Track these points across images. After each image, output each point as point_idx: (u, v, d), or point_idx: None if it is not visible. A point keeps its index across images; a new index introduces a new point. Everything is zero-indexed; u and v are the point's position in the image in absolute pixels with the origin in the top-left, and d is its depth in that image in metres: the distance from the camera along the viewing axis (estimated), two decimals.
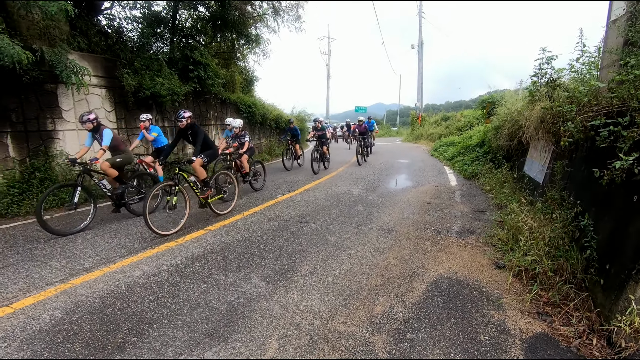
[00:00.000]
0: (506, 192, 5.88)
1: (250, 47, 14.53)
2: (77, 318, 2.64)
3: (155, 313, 2.70)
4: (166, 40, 11.05)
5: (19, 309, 2.79)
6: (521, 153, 6.56)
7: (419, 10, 26.74)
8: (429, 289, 3.11)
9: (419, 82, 27.71)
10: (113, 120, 8.08)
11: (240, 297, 2.94)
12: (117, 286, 3.16)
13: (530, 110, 5.33)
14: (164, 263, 3.67)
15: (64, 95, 6.88)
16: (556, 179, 4.26)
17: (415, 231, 4.71)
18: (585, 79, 4.65)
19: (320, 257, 3.80)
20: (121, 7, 10.14)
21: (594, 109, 3.44)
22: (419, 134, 24.16)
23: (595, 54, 4.83)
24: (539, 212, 4.02)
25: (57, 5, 5.85)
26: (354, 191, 7.36)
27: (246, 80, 15.74)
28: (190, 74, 9.99)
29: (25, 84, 6.03)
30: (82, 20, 7.65)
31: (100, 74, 7.70)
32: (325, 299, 2.91)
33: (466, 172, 8.95)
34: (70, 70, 6.31)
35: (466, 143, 11.77)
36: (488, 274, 3.40)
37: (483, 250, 4.00)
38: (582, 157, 3.75)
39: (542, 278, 3.09)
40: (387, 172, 10.18)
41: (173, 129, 9.89)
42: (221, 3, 11.06)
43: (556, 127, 4.19)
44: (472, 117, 18.04)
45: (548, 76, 5.01)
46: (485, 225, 4.90)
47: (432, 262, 3.68)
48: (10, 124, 6.09)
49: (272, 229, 4.84)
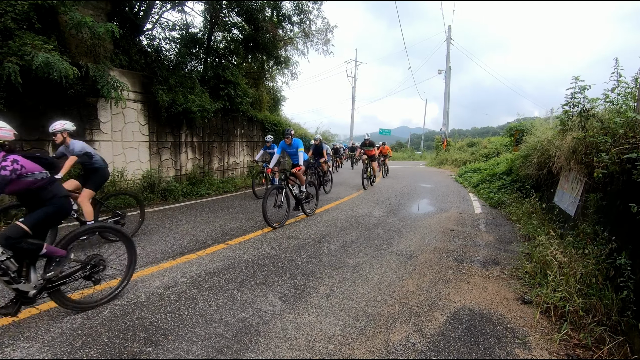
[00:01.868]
0: (534, 223, 5.65)
1: (280, 69, 15.03)
2: (97, 324, 2.70)
3: (171, 324, 2.73)
4: (200, 59, 11.60)
5: (45, 311, 2.89)
6: (551, 183, 6.31)
7: (447, 37, 26.91)
8: (450, 320, 2.98)
9: (445, 107, 27.55)
10: (145, 134, 8.46)
11: (255, 315, 2.92)
12: (137, 295, 3.22)
13: (561, 140, 5.17)
14: (183, 275, 3.73)
15: (102, 108, 7.32)
16: (589, 212, 4.06)
17: (436, 258, 4.57)
18: (622, 110, 4.48)
19: (337, 279, 3.75)
20: (161, 29, 10.81)
21: (631, 141, 3.30)
22: (444, 159, 23.79)
23: (632, 84, 4.67)
24: (570, 247, 3.82)
25: (104, 27, 6.33)
26: (374, 213, 7.28)
27: (273, 100, 16.20)
28: (221, 92, 10.40)
29: (69, 97, 6.47)
30: (125, 39, 8.19)
31: (138, 90, 8.16)
32: (341, 323, 2.85)
33: (492, 200, 8.68)
34: (110, 86, 6.73)
35: (493, 170, 11.48)
36: (513, 309, 3.23)
37: (508, 283, 3.82)
38: (617, 190, 3.57)
39: (573, 317, 2.90)
40: (409, 196, 10.03)
41: (201, 143, 10.24)
42: (254, 26, 11.59)
43: (589, 158, 4.04)
44: (499, 144, 17.63)
45: (581, 106, 4.87)
46: (511, 256, 4.69)
47: (454, 292, 3.54)
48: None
49: (290, 247, 4.84)
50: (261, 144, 13.36)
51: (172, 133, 9.27)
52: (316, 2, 12.95)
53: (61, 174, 4.10)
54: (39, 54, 5.36)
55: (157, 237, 5.13)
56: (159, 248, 4.64)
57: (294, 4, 12.69)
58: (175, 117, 8.87)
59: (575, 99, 4.96)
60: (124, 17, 8.92)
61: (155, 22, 10.57)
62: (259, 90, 13.90)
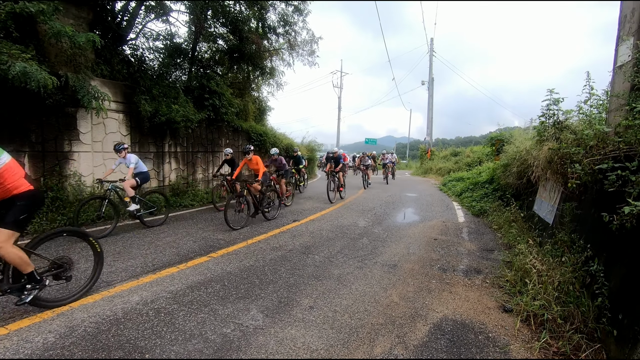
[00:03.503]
0: (514, 232, 5.76)
1: (265, 79, 15.09)
2: (70, 343, 2.60)
3: (149, 342, 2.64)
4: (185, 69, 11.55)
5: (14, 331, 2.76)
6: (530, 192, 6.48)
7: (430, 49, 27.61)
8: (432, 330, 2.99)
9: (429, 117, 28.10)
10: (127, 144, 8.29)
11: (237, 330, 2.87)
12: (113, 311, 3.12)
13: (538, 150, 5.33)
14: (163, 289, 3.63)
15: (82, 118, 7.16)
16: (565, 220, 4.17)
17: (420, 268, 4.60)
18: (594, 121, 4.65)
19: (321, 291, 3.72)
20: (145, 39, 10.74)
21: (602, 152, 3.43)
22: (428, 168, 24.16)
23: (604, 97, 4.87)
24: (548, 255, 3.91)
25: (85, 37, 6.24)
26: (359, 223, 7.29)
27: (259, 110, 16.19)
28: (206, 102, 10.33)
29: (47, 107, 6.31)
30: (107, 49, 8.08)
31: (120, 100, 8.03)
32: (324, 336, 2.82)
33: (475, 208, 8.84)
34: (91, 96, 6.61)
35: (475, 179, 11.71)
36: (495, 318, 3.27)
37: (490, 292, 3.87)
38: (591, 199, 3.69)
39: (552, 325, 2.95)
40: (394, 205, 10.11)
41: (185, 154, 10.12)
42: (240, 37, 11.64)
43: (564, 168, 4.17)
44: (481, 153, 18.05)
45: (555, 117, 5.04)
46: (493, 265, 4.77)
47: (437, 302, 3.56)
48: (29, 144, 6.30)
49: (274, 258, 4.79)
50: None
51: (155, 143, 9.13)
52: (301, 14, 13.13)
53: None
54: (16, 63, 5.22)
55: (137, 251, 5.00)
56: (139, 262, 4.52)
57: (279, 16, 12.84)
58: (159, 127, 8.75)
59: (550, 110, 5.13)
60: (107, 26, 8.82)
61: (139, 31, 10.50)
62: (244, 100, 13.88)
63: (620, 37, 4.10)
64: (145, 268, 4.28)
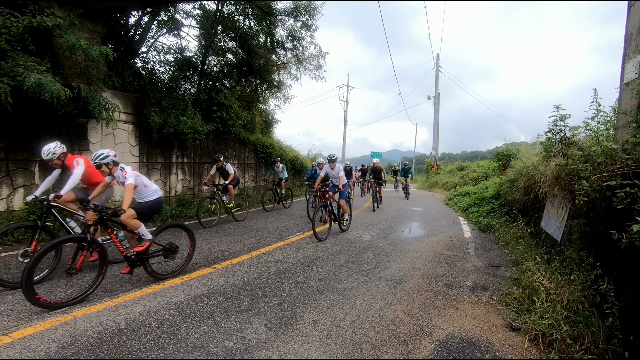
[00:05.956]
0: (522, 248, 5.68)
1: (272, 92, 15.29)
2: (72, 353, 2.59)
3: (150, 354, 2.63)
4: (194, 82, 11.77)
5: (17, 339, 2.76)
6: (538, 208, 6.40)
7: (436, 64, 27.86)
8: (438, 348, 2.93)
9: (435, 131, 28.15)
10: (136, 155, 8.43)
11: (239, 343, 2.84)
12: (116, 322, 3.11)
13: (545, 166, 5.29)
14: (167, 300, 3.62)
15: (93, 129, 7.30)
16: (574, 237, 4.11)
17: (425, 283, 4.54)
18: (602, 138, 4.62)
19: (325, 305, 3.68)
20: (156, 52, 11.01)
21: (610, 168, 3.40)
22: (434, 182, 24.06)
23: (611, 113, 4.85)
24: (557, 272, 3.84)
25: (99, 50, 6.42)
26: (364, 237, 7.25)
27: (266, 122, 16.36)
28: (213, 114, 10.48)
29: (59, 117, 6.45)
30: (119, 62, 8.30)
31: (130, 111, 8.18)
32: (327, 352, 2.78)
33: (481, 224, 8.74)
34: (102, 107, 6.75)
35: (482, 194, 11.61)
36: (502, 336, 3.20)
37: (497, 309, 3.79)
38: (599, 217, 3.64)
39: (561, 345, 2.88)
40: (400, 219, 10.04)
41: (192, 165, 10.22)
42: (248, 51, 11.88)
43: (571, 184, 4.13)
44: (488, 168, 17.94)
45: (562, 133, 5.03)
46: (500, 282, 4.69)
47: (442, 319, 3.50)
48: (40, 154, 6.41)
49: (278, 271, 4.76)
50: (253, 166, 13.42)
51: (163, 154, 9.25)
52: (309, 30, 13.39)
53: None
54: (31, 75, 5.37)
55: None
56: (143, 272, 4.51)
57: (288, 31, 13.11)
58: (167, 139, 8.88)
59: (557, 126, 5.12)
60: (120, 40, 9.08)
61: (151, 45, 10.78)
62: (251, 112, 14.05)
63: (626, 54, 4.11)
64: (149, 278, 4.28)
